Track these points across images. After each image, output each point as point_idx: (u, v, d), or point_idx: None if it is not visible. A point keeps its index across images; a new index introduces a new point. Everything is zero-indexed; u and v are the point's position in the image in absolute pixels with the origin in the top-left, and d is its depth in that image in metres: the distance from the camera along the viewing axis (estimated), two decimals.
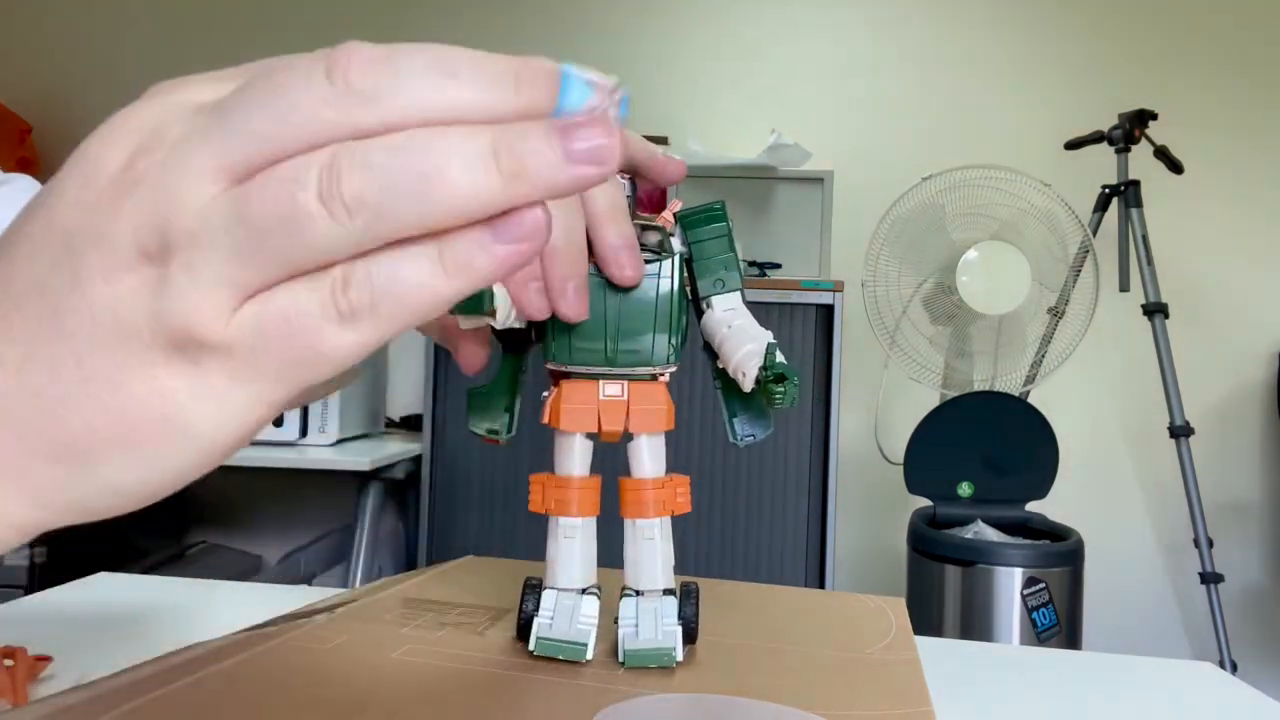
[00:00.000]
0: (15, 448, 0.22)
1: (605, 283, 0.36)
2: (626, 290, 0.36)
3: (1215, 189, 2.43)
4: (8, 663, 0.47)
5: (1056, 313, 2.02)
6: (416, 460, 2.00)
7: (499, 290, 0.33)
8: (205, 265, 0.20)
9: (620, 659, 0.37)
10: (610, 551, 0.40)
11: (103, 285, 0.21)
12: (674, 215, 0.40)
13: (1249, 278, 2.45)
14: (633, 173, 0.39)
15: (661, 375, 0.38)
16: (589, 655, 0.37)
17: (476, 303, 0.32)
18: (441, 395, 1.98)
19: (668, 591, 0.38)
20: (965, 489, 1.89)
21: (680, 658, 0.37)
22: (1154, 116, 2.16)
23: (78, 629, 0.58)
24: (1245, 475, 2.45)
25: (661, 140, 2.26)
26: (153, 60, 2.70)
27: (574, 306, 0.33)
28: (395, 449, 1.95)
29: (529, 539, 1.93)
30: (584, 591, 0.38)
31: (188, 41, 2.70)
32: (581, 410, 0.37)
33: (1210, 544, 2.11)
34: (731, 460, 1.91)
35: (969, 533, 1.85)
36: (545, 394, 0.39)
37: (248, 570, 2.41)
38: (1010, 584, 1.74)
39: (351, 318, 0.20)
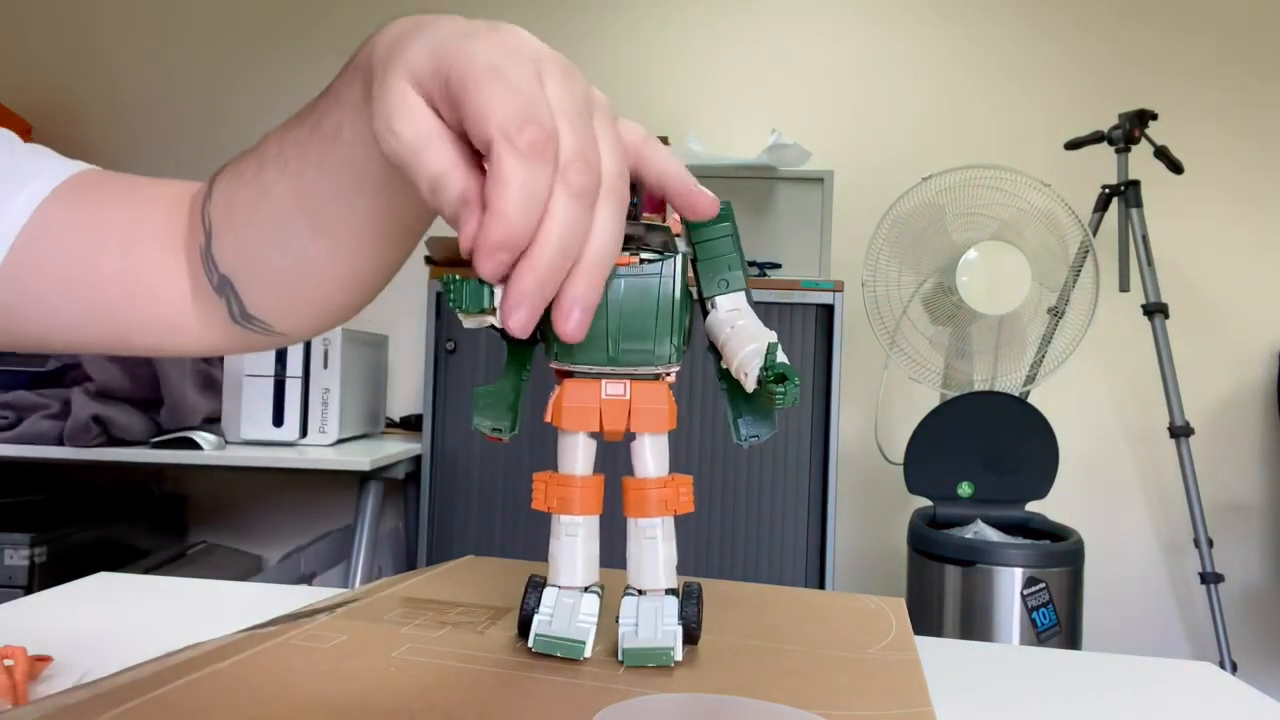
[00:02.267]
0: None
1: (608, 280, 0.36)
2: (628, 290, 0.36)
3: (1215, 189, 2.43)
4: (8, 663, 0.47)
5: (1056, 313, 2.02)
6: (416, 460, 2.00)
7: (499, 288, 0.33)
8: None
9: (620, 658, 0.37)
10: (617, 553, 0.40)
11: None
12: (680, 217, 0.40)
13: (1249, 278, 2.45)
14: (663, 198, 0.38)
15: (667, 375, 0.38)
16: (587, 653, 0.37)
17: (477, 300, 0.32)
18: (441, 395, 1.98)
19: (670, 591, 0.38)
20: (965, 489, 1.89)
21: (679, 657, 0.37)
22: (1154, 116, 2.16)
23: (78, 629, 0.58)
24: (1245, 475, 2.45)
25: (661, 140, 2.26)
26: (152, 60, 2.70)
27: (576, 330, 0.32)
28: (395, 449, 1.95)
29: (529, 539, 1.93)
30: (586, 590, 0.38)
31: (188, 41, 2.70)
32: (583, 409, 0.37)
33: (1210, 544, 2.11)
34: (731, 460, 1.91)
35: (969, 533, 1.85)
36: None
37: (248, 570, 2.41)
38: (1010, 584, 1.74)
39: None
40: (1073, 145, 2.20)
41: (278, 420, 1.87)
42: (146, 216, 0.54)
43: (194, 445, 1.77)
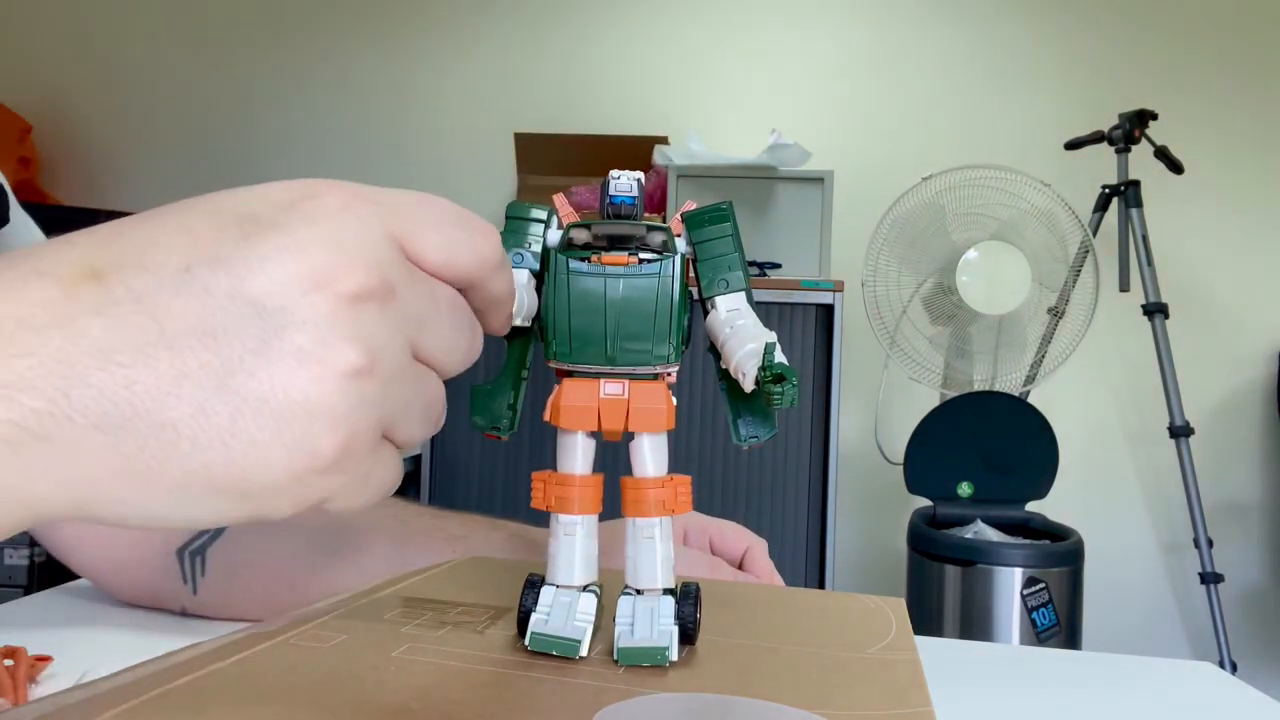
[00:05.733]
0: (110, 461, 0.21)
1: (606, 280, 0.36)
2: (627, 290, 0.36)
3: (1215, 189, 2.43)
4: (8, 663, 0.47)
5: (1056, 313, 2.02)
6: (416, 460, 2.00)
7: None
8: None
9: (615, 657, 0.37)
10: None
11: (298, 370, 0.22)
12: (681, 216, 0.40)
13: (1249, 278, 2.45)
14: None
15: (668, 375, 0.38)
16: (583, 651, 0.37)
17: None
18: None
19: (668, 591, 0.38)
20: (965, 489, 1.89)
21: (674, 657, 0.37)
22: (1154, 116, 2.16)
23: (78, 629, 0.58)
24: (1245, 475, 2.45)
25: (662, 140, 2.26)
26: (152, 60, 2.70)
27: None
28: None
29: None
30: (584, 589, 0.38)
31: (187, 41, 2.70)
32: (581, 409, 0.37)
33: (1210, 544, 2.11)
34: (731, 460, 1.91)
35: (969, 533, 1.85)
36: None
37: None
38: (1010, 584, 1.74)
39: None
40: (1073, 145, 2.20)
41: None
42: None
43: None
